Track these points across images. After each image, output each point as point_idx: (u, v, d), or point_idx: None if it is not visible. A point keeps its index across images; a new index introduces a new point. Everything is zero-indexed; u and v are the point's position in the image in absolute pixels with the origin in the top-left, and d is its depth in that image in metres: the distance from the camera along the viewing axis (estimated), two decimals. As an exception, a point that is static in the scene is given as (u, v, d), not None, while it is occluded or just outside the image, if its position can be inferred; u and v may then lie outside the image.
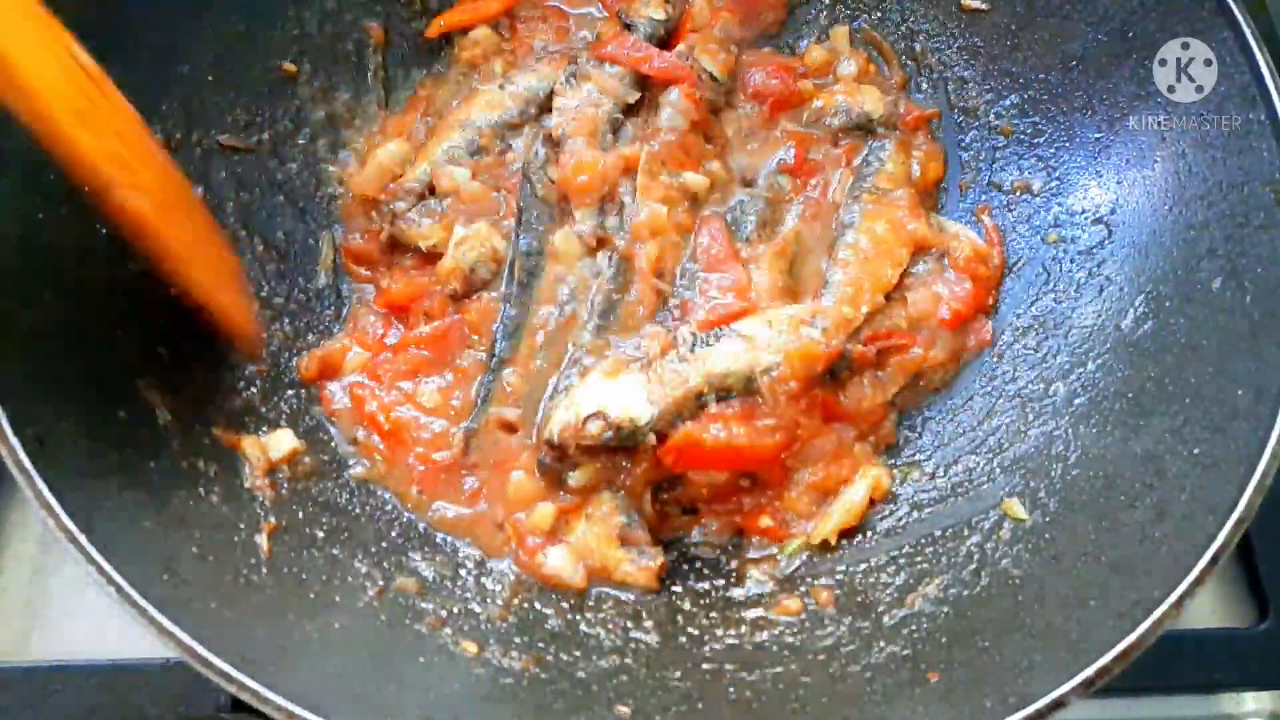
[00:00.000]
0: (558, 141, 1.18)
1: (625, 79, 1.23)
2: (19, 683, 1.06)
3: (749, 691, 0.95)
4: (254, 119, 1.19)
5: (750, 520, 1.10)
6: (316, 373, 1.13)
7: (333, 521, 1.03)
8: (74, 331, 0.94)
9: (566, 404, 1.06)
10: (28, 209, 0.94)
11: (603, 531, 1.05)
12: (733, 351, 1.07)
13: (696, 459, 1.06)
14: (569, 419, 1.04)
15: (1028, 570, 0.98)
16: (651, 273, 1.13)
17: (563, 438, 1.04)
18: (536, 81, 1.24)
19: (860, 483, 1.10)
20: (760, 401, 1.06)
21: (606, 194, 1.16)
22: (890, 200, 1.21)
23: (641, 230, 1.14)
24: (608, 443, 1.03)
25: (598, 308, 1.12)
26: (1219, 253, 1.02)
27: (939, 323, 1.17)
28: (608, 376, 1.07)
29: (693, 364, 1.07)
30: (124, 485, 0.89)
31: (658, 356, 1.08)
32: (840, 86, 1.29)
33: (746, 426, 1.05)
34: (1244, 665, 1.13)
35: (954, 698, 0.88)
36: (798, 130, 1.27)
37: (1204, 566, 0.84)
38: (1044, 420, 1.10)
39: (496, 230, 1.17)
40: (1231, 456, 0.90)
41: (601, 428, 1.03)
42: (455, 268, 1.15)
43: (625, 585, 1.04)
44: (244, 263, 1.14)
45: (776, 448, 1.07)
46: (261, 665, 0.80)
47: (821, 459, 1.11)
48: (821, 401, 1.10)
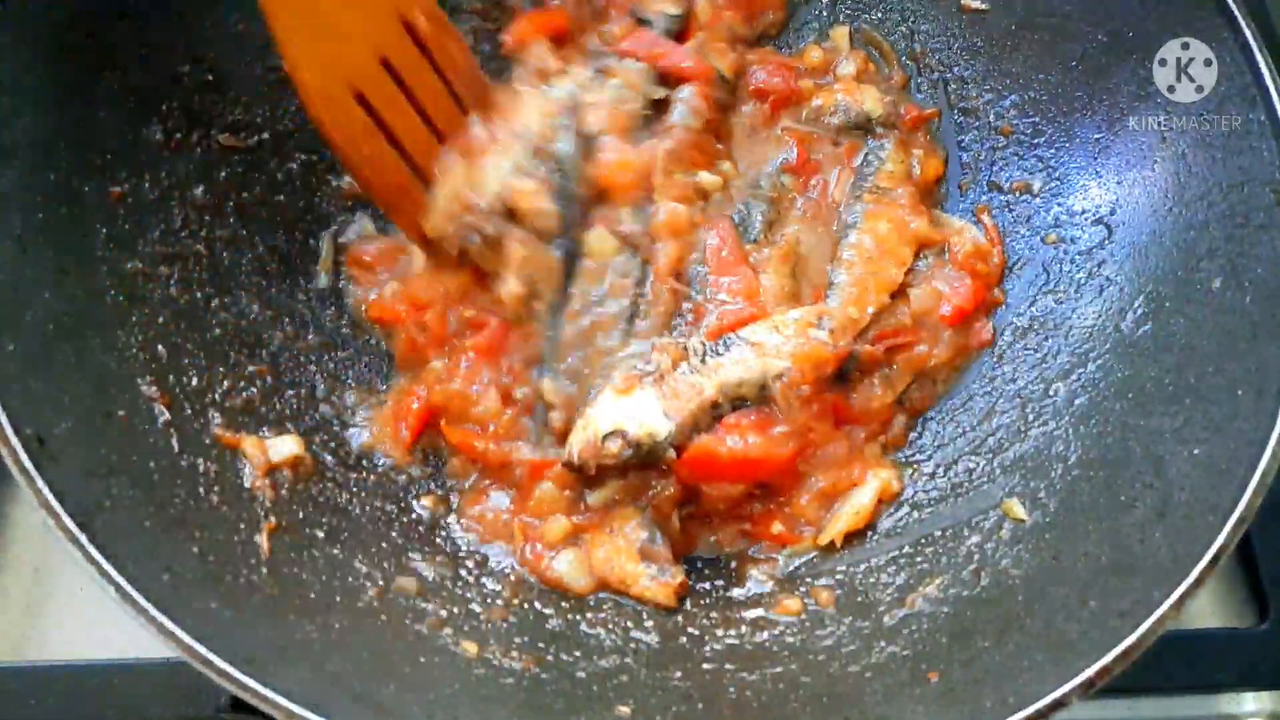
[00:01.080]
0: (591, 138, 1.15)
1: (648, 74, 1.21)
2: (19, 683, 1.06)
3: (749, 691, 0.95)
4: (254, 119, 1.18)
5: (761, 527, 1.09)
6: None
7: (333, 521, 1.03)
8: (74, 331, 0.94)
9: (583, 424, 1.06)
10: (28, 208, 0.94)
11: (624, 546, 1.05)
12: (743, 360, 1.07)
13: (712, 471, 1.05)
14: (587, 438, 1.04)
15: (1028, 570, 0.98)
16: (669, 274, 1.12)
17: (583, 458, 1.03)
18: (572, 86, 1.20)
19: (869, 485, 1.10)
20: (774, 409, 1.06)
21: (645, 190, 1.14)
22: (891, 199, 1.21)
23: (661, 230, 1.13)
24: (628, 460, 1.03)
25: (624, 311, 1.11)
26: (1219, 253, 1.02)
27: (940, 319, 1.16)
28: (621, 393, 1.06)
29: (705, 375, 1.06)
30: (124, 485, 0.89)
31: (669, 369, 1.07)
32: (840, 86, 1.29)
33: (761, 436, 1.05)
34: (1244, 665, 1.13)
35: (954, 698, 0.88)
36: (797, 129, 1.26)
37: (1204, 566, 0.84)
38: (1044, 420, 1.10)
39: (538, 242, 1.12)
40: (1231, 456, 0.90)
41: (621, 446, 1.02)
42: (521, 292, 1.11)
43: (643, 600, 1.04)
44: (244, 262, 1.14)
45: (791, 455, 1.06)
46: (261, 665, 0.80)
47: (834, 464, 1.10)
48: (832, 405, 1.10)
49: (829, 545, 1.08)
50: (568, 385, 1.10)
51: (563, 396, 1.09)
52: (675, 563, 1.05)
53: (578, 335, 1.12)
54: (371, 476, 1.10)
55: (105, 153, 1.03)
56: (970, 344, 1.18)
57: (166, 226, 1.07)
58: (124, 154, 1.05)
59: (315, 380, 1.14)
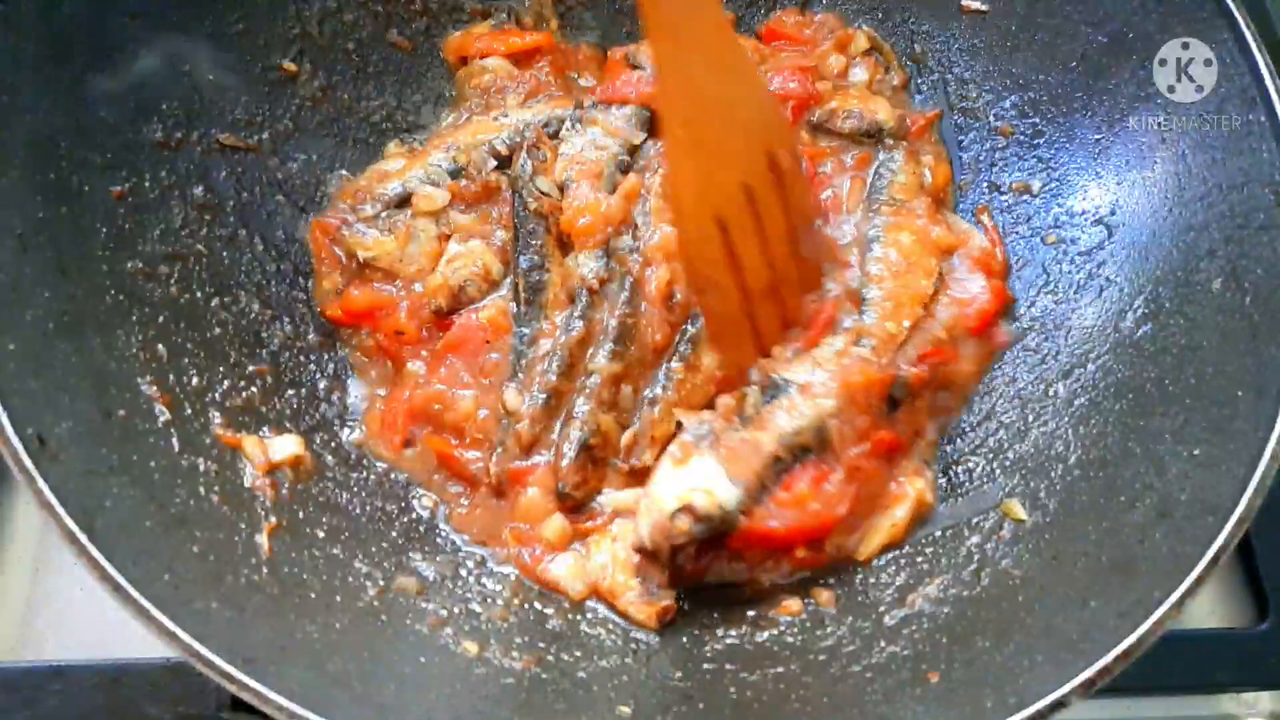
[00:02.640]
0: (563, 186, 1.17)
1: (632, 120, 1.22)
2: (19, 683, 1.06)
3: (749, 691, 0.95)
4: (254, 119, 1.18)
5: (786, 551, 1.05)
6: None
7: (333, 521, 1.03)
8: (74, 331, 0.94)
9: (646, 505, 1.00)
10: (28, 207, 0.94)
11: (624, 558, 1.03)
12: (795, 406, 1.03)
13: (768, 545, 1.02)
14: (656, 520, 0.98)
15: (1028, 570, 0.98)
16: (660, 298, 1.12)
17: (655, 542, 0.98)
18: (531, 116, 1.24)
19: (905, 501, 1.07)
20: (829, 457, 1.02)
21: (610, 235, 1.15)
22: (910, 210, 1.20)
23: (654, 253, 1.13)
24: (700, 536, 0.97)
25: (612, 332, 1.11)
26: (1219, 253, 1.02)
27: (966, 330, 1.14)
28: (679, 465, 1.01)
29: (760, 429, 1.02)
30: (124, 485, 0.89)
31: (723, 429, 1.03)
32: (855, 93, 1.29)
33: (818, 498, 1.01)
34: (1244, 665, 1.13)
35: (954, 698, 0.88)
36: (809, 144, 1.26)
37: (1204, 566, 0.84)
38: (1044, 420, 1.10)
39: (490, 250, 1.17)
40: (1231, 456, 0.90)
41: (691, 522, 0.96)
42: (443, 284, 1.14)
43: (625, 616, 1.03)
44: (244, 262, 1.14)
45: (848, 511, 1.02)
46: (261, 665, 0.80)
47: (871, 493, 1.07)
48: (887, 444, 1.06)
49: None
50: (537, 397, 1.09)
51: (532, 409, 1.09)
52: (668, 586, 1.03)
53: (557, 350, 1.11)
54: (372, 476, 1.11)
55: (105, 152, 1.03)
56: (994, 347, 1.17)
57: (166, 226, 1.07)
58: (124, 154, 1.05)
59: (315, 380, 1.14)
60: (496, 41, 1.31)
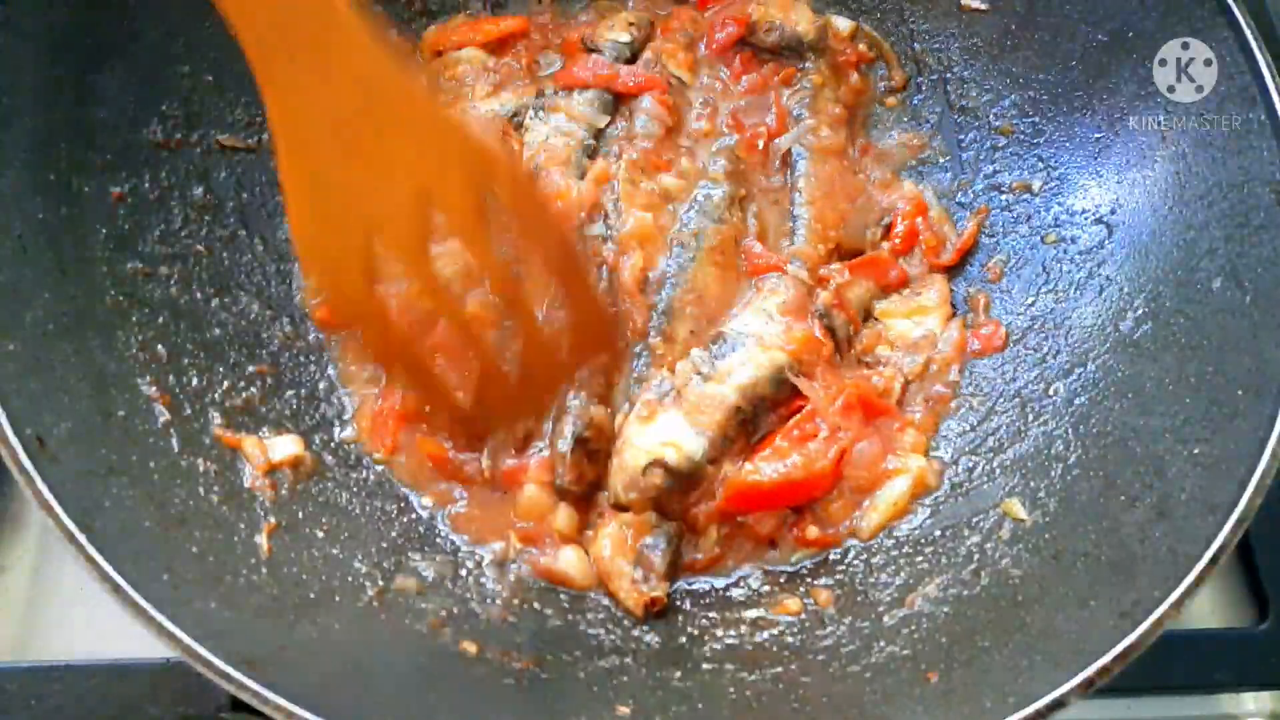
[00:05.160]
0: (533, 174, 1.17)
1: (595, 103, 1.23)
2: (19, 683, 1.06)
3: (749, 691, 0.95)
4: (254, 119, 1.18)
5: (799, 535, 1.08)
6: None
7: (333, 521, 1.03)
8: (74, 331, 0.94)
9: (618, 463, 1.05)
10: (28, 208, 0.94)
11: (629, 543, 1.04)
12: (751, 358, 1.07)
13: (759, 502, 1.05)
14: (626, 476, 1.03)
15: (1028, 570, 0.98)
16: (635, 285, 1.12)
17: (629, 497, 1.03)
18: (499, 106, 1.24)
19: (903, 476, 1.09)
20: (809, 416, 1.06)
21: (582, 222, 1.15)
22: (832, 136, 1.25)
23: (629, 241, 1.13)
24: (672, 488, 1.03)
25: None
26: (1219, 253, 1.02)
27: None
28: (645, 421, 1.06)
29: (721, 382, 1.06)
30: (124, 485, 0.89)
31: (684, 384, 1.07)
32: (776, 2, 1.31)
33: (799, 452, 1.05)
34: (1244, 665, 1.13)
35: (954, 698, 0.88)
36: (754, 75, 1.29)
37: (1204, 566, 0.84)
38: (1044, 420, 1.10)
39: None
40: (1231, 456, 0.90)
41: (663, 476, 1.02)
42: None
43: (615, 599, 1.03)
44: (244, 262, 1.14)
45: (834, 464, 1.06)
46: (261, 665, 0.80)
47: (868, 462, 1.09)
48: (858, 401, 1.09)
49: (828, 544, 1.07)
50: None
51: None
52: (665, 580, 1.03)
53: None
54: (371, 476, 1.10)
55: (105, 153, 1.03)
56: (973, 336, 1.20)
57: (166, 226, 1.07)
58: (124, 154, 1.05)
59: (315, 380, 1.14)
60: (472, 31, 1.31)
